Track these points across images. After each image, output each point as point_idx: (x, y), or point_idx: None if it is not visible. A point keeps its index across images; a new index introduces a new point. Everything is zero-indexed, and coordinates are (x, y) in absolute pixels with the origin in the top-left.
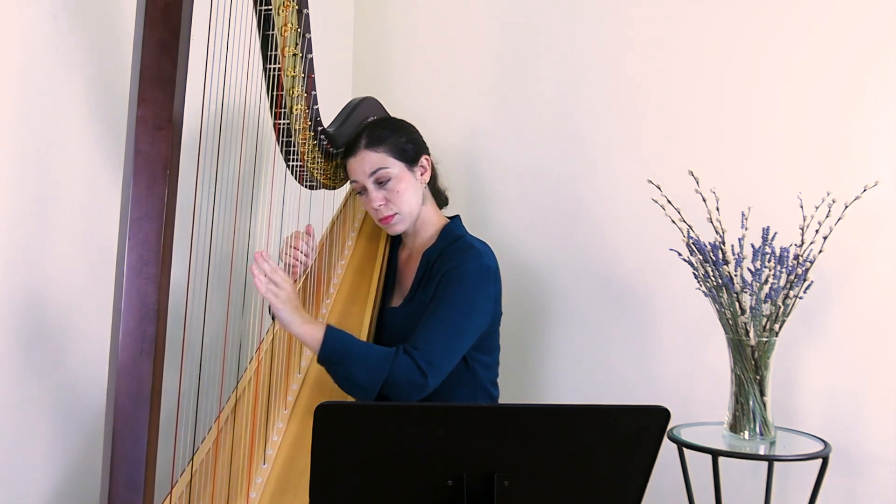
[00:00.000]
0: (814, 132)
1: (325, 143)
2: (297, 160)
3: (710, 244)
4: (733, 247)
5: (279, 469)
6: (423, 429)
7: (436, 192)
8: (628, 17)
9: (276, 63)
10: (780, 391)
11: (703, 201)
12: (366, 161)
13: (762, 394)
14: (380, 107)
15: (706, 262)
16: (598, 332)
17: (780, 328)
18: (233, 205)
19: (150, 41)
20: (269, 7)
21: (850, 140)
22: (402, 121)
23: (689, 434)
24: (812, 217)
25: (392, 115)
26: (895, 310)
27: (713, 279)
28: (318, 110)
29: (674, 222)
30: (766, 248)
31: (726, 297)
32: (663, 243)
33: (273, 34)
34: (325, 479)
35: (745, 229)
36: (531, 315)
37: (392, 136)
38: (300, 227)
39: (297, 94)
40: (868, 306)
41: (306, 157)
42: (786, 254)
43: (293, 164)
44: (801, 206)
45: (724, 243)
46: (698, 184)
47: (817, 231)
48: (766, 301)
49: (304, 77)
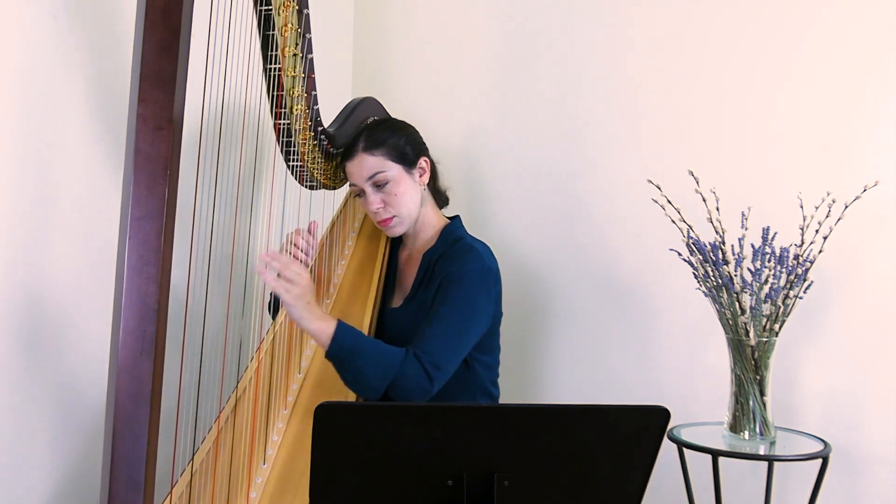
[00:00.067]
0: (814, 132)
1: (326, 143)
2: (297, 160)
3: (710, 244)
4: (733, 247)
5: (279, 469)
6: (422, 429)
7: (436, 192)
8: (628, 17)
9: (276, 63)
10: (780, 391)
11: (703, 201)
12: (364, 165)
13: (762, 394)
14: (380, 107)
15: (706, 262)
16: (598, 332)
17: (780, 328)
18: (233, 204)
19: (150, 41)
20: (270, 7)
21: (850, 140)
22: (400, 122)
23: (689, 434)
24: (812, 217)
25: (392, 115)
26: (895, 310)
27: (713, 279)
28: (318, 110)
29: (674, 222)
30: (766, 248)
31: (726, 297)
32: (663, 243)
33: (273, 34)
34: (325, 479)
35: (745, 229)
36: (531, 315)
37: (390, 138)
38: (301, 227)
39: (298, 95)
40: (868, 306)
41: (306, 157)
42: (786, 254)
43: (293, 164)
44: (801, 206)
45: (724, 243)
46: (698, 184)
47: (817, 231)
48: (766, 301)
49: (304, 77)
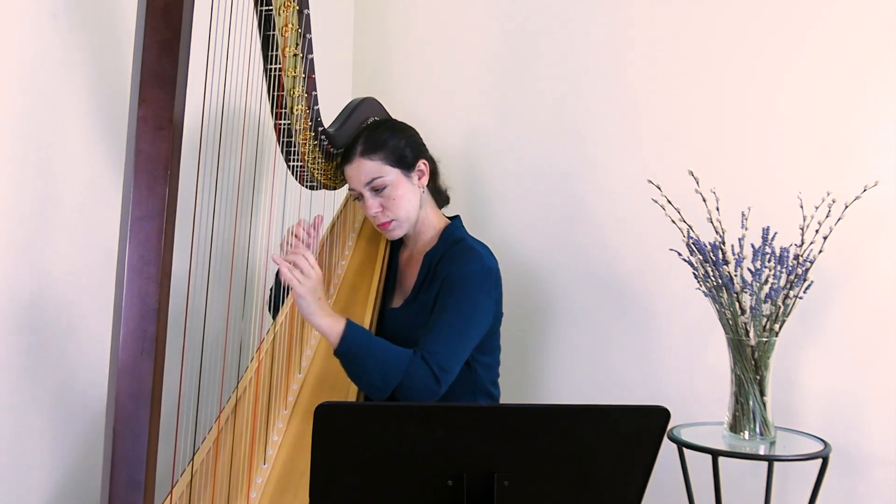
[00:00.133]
0: (814, 132)
1: (326, 143)
2: (297, 160)
3: (710, 244)
4: (733, 247)
5: (279, 469)
6: (423, 429)
7: (436, 191)
8: (628, 18)
9: (276, 63)
10: (780, 391)
11: (703, 201)
12: (362, 170)
13: (762, 394)
14: (380, 107)
15: (706, 262)
16: (598, 331)
17: (780, 328)
18: (233, 205)
19: (150, 41)
20: (270, 7)
21: (850, 140)
22: (399, 123)
23: (689, 434)
24: (812, 217)
25: (392, 115)
26: (895, 310)
27: (713, 279)
28: (318, 111)
29: (674, 222)
30: (766, 248)
31: (726, 297)
32: (663, 243)
33: (274, 34)
34: (325, 479)
35: (745, 229)
36: (531, 315)
37: (388, 141)
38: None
39: (298, 95)
40: (868, 306)
41: (307, 157)
42: (786, 254)
43: (294, 165)
44: (801, 206)
45: (724, 243)
46: (698, 184)
47: (817, 231)
48: (766, 301)
49: (304, 77)
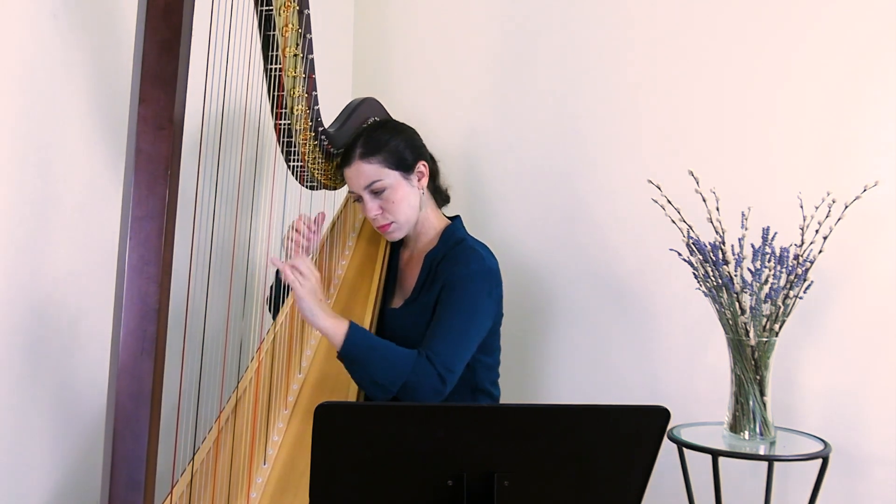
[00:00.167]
0: (814, 132)
1: (326, 143)
2: (297, 160)
3: (710, 244)
4: (733, 247)
5: (279, 469)
6: (423, 429)
7: (436, 190)
8: (628, 17)
9: (276, 63)
10: (780, 391)
11: (703, 201)
12: (361, 174)
13: (762, 394)
14: (380, 107)
15: (706, 262)
16: (598, 332)
17: (780, 328)
18: (234, 204)
19: (151, 41)
20: (271, 8)
21: (850, 140)
22: (399, 125)
23: (689, 434)
24: (812, 217)
25: (392, 115)
26: (895, 310)
27: (713, 279)
28: (318, 111)
29: (674, 222)
30: (766, 248)
31: (726, 297)
32: (663, 243)
33: (274, 35)
34: (325, 479)
35: (745, 229)
36: (531, 315)
37: (387, 144)
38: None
39: (298, 95)
40: (868, 306)
41: (307, 157)
42: (786, 254)
43: (294, 165)
44: (801, 206)
45: (724, 243)
46: (698, 184)
47: (817, 231)
48: (766, 301)
49: (304, 77)
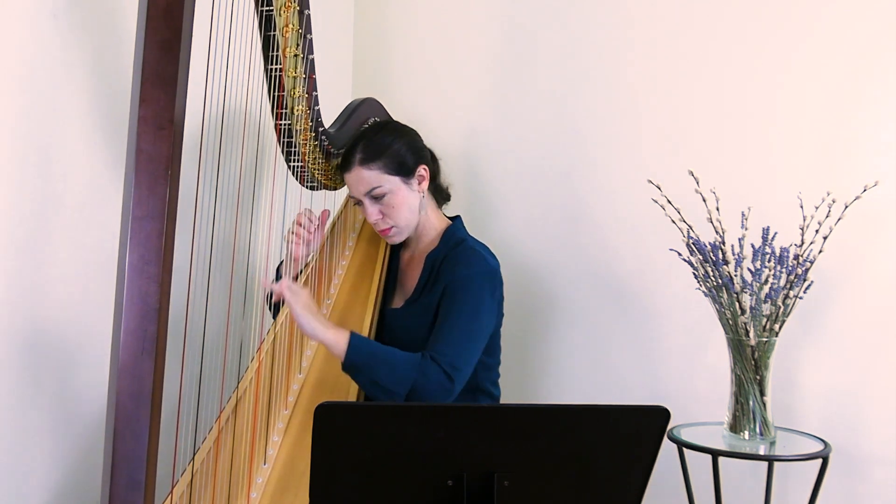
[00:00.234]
0: (814, 132)
1: (326, 143)
2: (297, 161)
3: (710, 244)
4: (733, 247)
5: (280, 469)
6: (423, 429)
7: (437, 190)
8: (628, 17)
9: (277, 64)
10: (780, 391)
11: (703, 201)
12: (361, 180)
13: (762, 394)
14: (380, 108)
15: (706, 262)
16: (598, 331)
17: (780, 328)
18: (234, 205)
19: (151, 41)
20: (271, 8)
21: (850, 140)
22: (399, 127)
23: (689, 434)
24: (812, 217)
25: (392, 115)
26: (895, 310)
27: (713, 279)
28: (319, 111)
29: (674, 222)
30: (766, 248)
31: (726, 297)
32: (663, 243)
33: (274, 35)
34: (325, 479)
35: (745, 229)
36: (531, 315)
37: (388, 148)
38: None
39: (299, 95)
40: (868, 306)
41: (307, 157)
42: (786, 254)
43: (294, 165)
44: (801, 206)
45: (724, 243)
46: (698, 184)
47: (817, 231)
48: (766, 301)
49: (305, 78)
